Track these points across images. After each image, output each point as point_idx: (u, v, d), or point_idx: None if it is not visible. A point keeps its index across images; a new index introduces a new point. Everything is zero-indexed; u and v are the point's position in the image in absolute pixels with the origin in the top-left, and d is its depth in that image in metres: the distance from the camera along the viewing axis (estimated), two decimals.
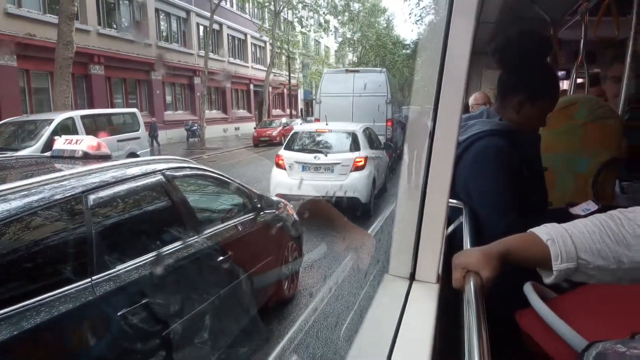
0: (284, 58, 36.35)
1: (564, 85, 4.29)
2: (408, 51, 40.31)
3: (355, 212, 7.46)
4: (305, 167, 7.73)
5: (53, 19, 14.61)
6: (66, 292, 1.99)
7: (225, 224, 3.45)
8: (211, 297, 2.95)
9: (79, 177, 2.36)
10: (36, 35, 15.11)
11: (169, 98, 25.32)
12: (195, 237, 2.98)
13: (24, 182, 2.11)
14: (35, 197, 2.04)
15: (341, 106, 13.36)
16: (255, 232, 3.78)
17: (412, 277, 1.15)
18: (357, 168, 7.64)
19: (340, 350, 3.42)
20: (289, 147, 8.12)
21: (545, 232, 1.04)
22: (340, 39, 44.48)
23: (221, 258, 3.16)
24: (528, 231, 1.08)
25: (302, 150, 8.04)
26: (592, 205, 1.46)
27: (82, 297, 2.04)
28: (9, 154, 7.56)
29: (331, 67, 45.21)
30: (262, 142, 23.47)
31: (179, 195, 3.02)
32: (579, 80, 3.61)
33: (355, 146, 7.92)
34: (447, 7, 1.04)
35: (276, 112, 37.50)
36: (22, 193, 2.01)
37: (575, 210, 1.49)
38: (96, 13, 19.19)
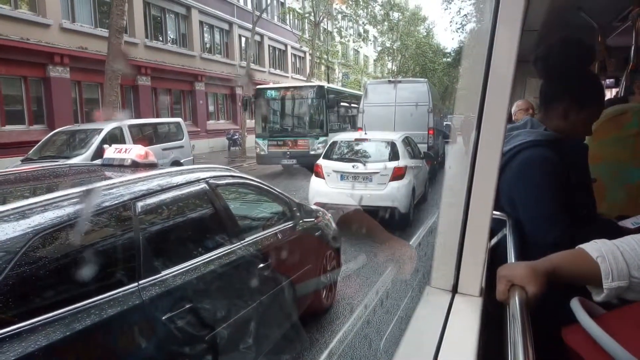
0: (323, 68, 36.63)
1: (611, 93, 4.14)
2: (449, 59, 39.82)
3: (395, 222, 7.37)
4: (343, 176, 7.73)
5: (104, 32, 15.31)
6: (115, 296, 2.06)
7: (266, 231, 3.48)
8: (252, 303, 2.97)
9: (128, 185, 2.44)
10: (88, 48, 15.85)
11: (211, 108, 25.94)
12: (237, 244, 3.02)
13: (75, 189, 2.21)
14: (87, 204, 2.13)
15: (384, 115, 13.62)
16: (294, 240, 3.78)
17: (454, 290, 1.13)
18: (396, 177, 7.55)
19: None
20: (327, 157, 8.17)
21: (596, 248, 1.00)
22: (379, 48, 44.40)
23: (262, 265, 3.17)
24: (577, 247, 1.05)
25: (341, 159, 8.03)
26: None
27: (129, 301, 2.10)
28: (61, 161, 7.93)
29: (370, 76, 45.26)
30: None
31: (222, 202, 3.07)
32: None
33: (394, 155, 7.86)
34: (491, 15, 1.03)
35: None
36: (75, 200, 2.10)
37: (625, 223, 1.43)
38: (144, 26, 19.97)
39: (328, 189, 7.73)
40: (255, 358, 2.92)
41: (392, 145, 8.03)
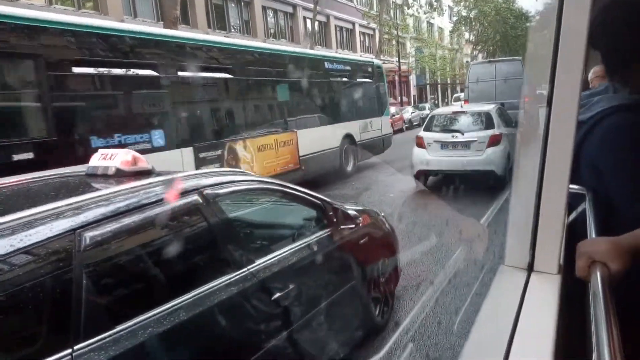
0: (394, 43, 36.04)
1: None
2: (534, 24, 37.55)
3: (491, 183, 8.58)
4: (443, 145, 9.12)
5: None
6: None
7: (286, 248, 2.93)
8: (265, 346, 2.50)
9: (82, 206, 1.97)
10: None
11: None
12: (240, 271, 2.48)
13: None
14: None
15: (485, 90, 16.96)
16: (328, 254, 3.24)
17: (530, 268, 1.14)
18: (493, 144, 8.75)
19: (455, 344, 3.42)
20: (427, 129, 9.62)
21: None
22: (454, 18, 42.88)
23: (279, 295, 2.63)
24: None
25: (441, 130, 9.40)
26: None
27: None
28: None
29: (445, 49, 43.99)
30: None
31: (221, 219, 2.59)
32: None
33: (489, 124, 9.08)
34: None
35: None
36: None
37: None
38: (205, 17, 20.67)
39: (430, 158, 9.17)
40: None
41: (487, 115, 9.24)
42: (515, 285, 1.11)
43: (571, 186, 1.14)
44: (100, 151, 2.77)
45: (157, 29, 8.37)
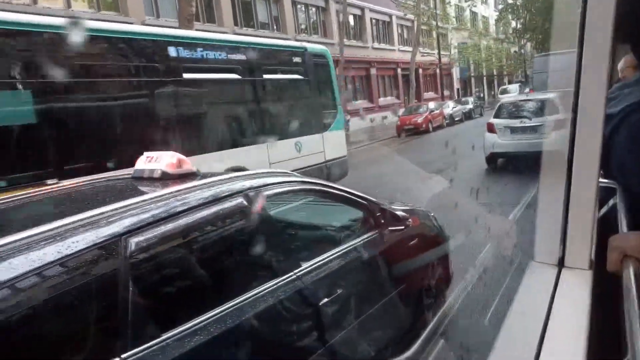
0: (435, 35, 35.62)
1: None
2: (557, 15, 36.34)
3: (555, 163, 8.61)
4: (513, 130, 10.53)
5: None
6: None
7: (333, 251, 2.90)
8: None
9: (126, 211, 1.99)
10: None
11: None
12: (288, 274, 2.48)
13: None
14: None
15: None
16: (375, 258, 3.22)
17: (560, 264, 1.16)
18: (558, 127, 8.94)
19: (487, 338, 3.32)
20: (497, 116, 11.09)
21: None
22: (500, 7, 42.06)
23: (326, 300, 2.62)
24: None
25: (509, 116, 10.86)
26: None
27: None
28: None
29: (490, 38, 43.26)
30: (407, 131, 23.21)
31: (266, 222, 2.66)
32: None
33: (554, 110, 9.64)
34: None
35: (428, 95, 36.95)
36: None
37: None
38: (232, 14, 20.92)
39: (501, 142, 10.63)
40: None
41: (551, 102, 9.94)
42: (545, 281, 1.13)
43: (601, 180, 1.16)
44: (146, 154, 2.83)
45: None
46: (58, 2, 14.94)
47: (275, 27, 23.88)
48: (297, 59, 9.09)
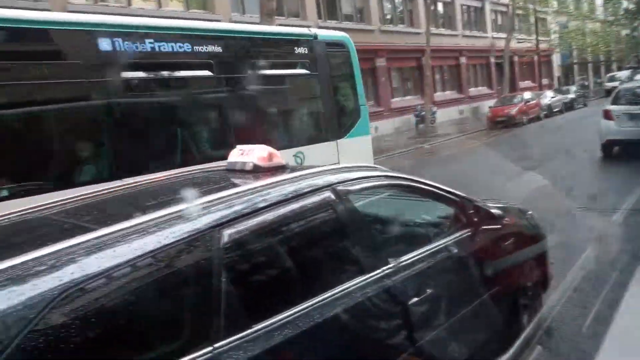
0: (532, 20, 33.60)
1: None
2: None
3: None
4: (632, 116, 10.48)
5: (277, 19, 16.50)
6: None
7: (423, 249, 2.87)
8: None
9: (220, 203, 2.09)
10: None
11: (395, 83, 25.96)
12: (375, 272, 2.48)
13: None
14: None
15: None
16: (467, 257, 3.12)
17: None
18: None
19: (582, 344, 3.54)
20: (615, 103, 11.16)
21: None
22: None
23: (416, 300, 2.60)
24: None
25: (629, 103, 10.88)
26: None
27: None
28: None
29: (596, 21, 39.94)
30: (499, 124, 21.82)
31: (353, 216, 2.67)
32: None
33: None
34: None
35: (525, 84, 34.94)
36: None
37: None
38: (315, 8, 21.00)
39: (619, 128, 10.62)
40: None
41: None
42: None
43: None
44: (239, 147, 3.01)
45: None
46: (151, 2, 15.78)
47: (359, 17, 23.56)
48: (301, 50, 7.31)
